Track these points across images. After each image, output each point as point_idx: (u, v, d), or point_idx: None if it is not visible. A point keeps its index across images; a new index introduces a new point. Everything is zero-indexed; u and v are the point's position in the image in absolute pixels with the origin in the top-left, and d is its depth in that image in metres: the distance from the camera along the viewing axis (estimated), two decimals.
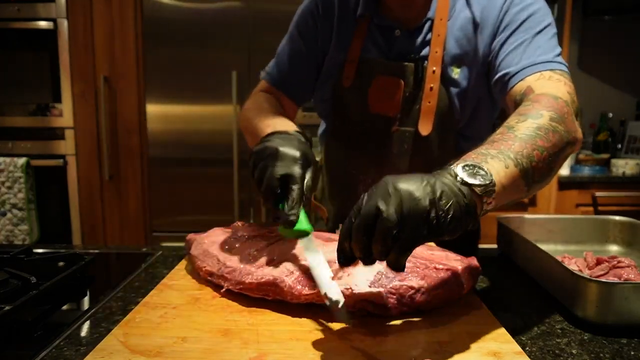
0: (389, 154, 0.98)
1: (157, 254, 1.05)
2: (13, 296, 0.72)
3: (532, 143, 0.64)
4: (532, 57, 0.83)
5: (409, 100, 0.95)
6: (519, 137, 0.65)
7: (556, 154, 0.67)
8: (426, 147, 0.95)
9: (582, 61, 3.01)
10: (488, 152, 0.62)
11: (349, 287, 0.66)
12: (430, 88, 0.92)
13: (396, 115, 0.96)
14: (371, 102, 0.97)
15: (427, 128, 0.92)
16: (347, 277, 0.68)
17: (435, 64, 0.91)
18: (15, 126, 2.39)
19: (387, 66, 0.95)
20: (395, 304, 0.67)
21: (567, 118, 0.71)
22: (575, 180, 2.54)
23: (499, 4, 0.90)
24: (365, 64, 0.97)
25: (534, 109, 0.71)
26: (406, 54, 0.95)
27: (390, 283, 0.67)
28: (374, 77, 0.96)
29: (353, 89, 0.98)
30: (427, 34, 0.94)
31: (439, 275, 0.71)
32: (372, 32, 0.97)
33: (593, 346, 0.64)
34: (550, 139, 0.66)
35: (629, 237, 1.04)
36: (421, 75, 0.92)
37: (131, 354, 0.58)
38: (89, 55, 2.36)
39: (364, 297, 0.66)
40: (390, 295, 0.67)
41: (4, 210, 2.34)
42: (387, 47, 0.97)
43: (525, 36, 0.86)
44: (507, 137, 0.65)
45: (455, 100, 0.94)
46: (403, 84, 0.94)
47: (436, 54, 0.91)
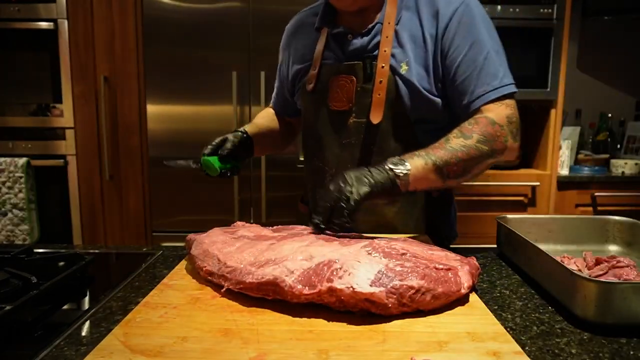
0: (349, 146, 1.10)
1: (157, 254, 1.05)
2: (13, 296, 0.72)
3: (453, 154, 0.92)
4: (485, 85, 0.99)
5: (361, 94, 1.07)
6: (447, 147, 0.93)
7: (472, 164, 0.94)
8: (381, 136, 1.07)
9: (582, 61, 3.01)
10: (420, 153, 0.92)
11: (350, 286, 0.67)
12: (379, 81, 1.03)
13: (351, 108, 1.08)
14: (331, 101, 1.11)
15: (377, 117, 1.04)
16: (348, 276, 0.68)
17: (383, 61, 1.03)
18: (15, 126, 2.39)
19: (341, 67, 1.09)
20: (395, 304, 0.67)
21: (497, 139, 0.96)
22: (574, 181, 2.55)
23: (445, 18, 1.01)
24: (324, 68, 1.12)
25: (470, 131, 0.95)
26: (358, 55, 1.08)
27: (390, 283, 0.68)
28: (331, 78, 1.10)
29: (315, 92, 1.13)
30: (376, 36, 1.06)
31: (439, 275, 0.71)
32: (329, 41, 1.12)
33: (592, 346, 0.64)
34: (470, 153, 0.93)
35: (628, 237, 1.04)
36: (370, 72, 1.05)
37: (131, 353, 0.58)
38: (89, 56, 2.36)
39: (365, 296, 0.66)
40: (390, 295, 0.67)
41: (5, 211, 2.34)
42: (342, 51, 1.10)
43: (477, 59, 1.00)
44: (439, 146, 0.94)
45: (403, 94, 1.04)
46: (355, 80, 1.07)
47: (385, 53, 1.03)
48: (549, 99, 2.50)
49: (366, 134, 1.07)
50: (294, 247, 0.78)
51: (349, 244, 0.77)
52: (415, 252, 0.76)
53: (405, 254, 0.74)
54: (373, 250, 0.74)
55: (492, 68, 1.00)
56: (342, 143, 1.10)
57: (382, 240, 0.79)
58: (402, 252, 0.74)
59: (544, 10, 2.42)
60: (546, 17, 2.42)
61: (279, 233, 0.91)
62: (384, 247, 0.75)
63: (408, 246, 0.78)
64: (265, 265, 0.74)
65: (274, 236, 0.88)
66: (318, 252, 0.75)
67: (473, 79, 1.00)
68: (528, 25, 2.43)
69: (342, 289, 0.67)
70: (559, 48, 2.46)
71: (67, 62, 2.35)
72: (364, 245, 0.75)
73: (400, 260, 0.72)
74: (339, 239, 0.82)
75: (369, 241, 0.77)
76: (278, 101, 1.32)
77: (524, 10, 2.41)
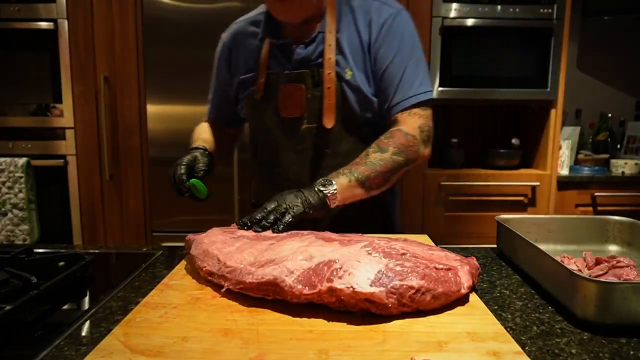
0: (303, 151, 1.15)
1: (157, 254, 1.05)
2: (13, 296, 0.72)
3: (373, 168, 1.03)
4: (402, 95, 1.10)
5: (312, 101, 1.12)
6: (367, 163, 1.03)
7: (390, 174, 1.05)
8: (333, 140, 1.13)
9: (582, 61, 3.01)
10: (344, 171, 1.02)
11: (350, 286, 0.67)
12: (328, 87, 1.09)
13: (303, 115, 1.13)
14: (281, 109, 1.15)
15: (330, 122, 1.10)
16: (348, 276, 0.68)
17: (329, 68, 1.10)
18: (15, 126, 2.39)
19: (289, 76, 1.13)
20: (396, 304, 0.67)
21: (410, 149, 1.07)
22: (574, 181, 2.55)
23: (377, 28, 1.10)
24: (271, 77, 1.15)
25: (386, 144, 1.06)
26: (304, 63, 1.13)
27: (390, 282, 0.68)
28: (280, 87, 1.14)
29: (264, 101, 1.16)
30: (319, 45, 1.12)
31: (439, 275, 0.71)
32: (273, 51, 1.15)
33: (592, 346, 0.64)
34: (387, 165, 1.04)
35: (628, 237, 1.04)
36: (318, 79, 1.11)
37: (131, 353, 0.58)
38: (89, 56, 2.36)
39: (365, 296, 0.66)
40: (390, 295, 0.67)
41: (5, 211, 2.34)
42: (288, 60, 1.14)
43: (398, 71, 1.10)
44: (360, 162, 1.04)
45: (350, 98, 1.11)
46: (304, 87, 1.12)
47: (330, 60, 1.10)
48: (549, 99, 2.50)
49: (319, 139, 1.13)
50: (294, 247, 0.78)
51: (349, 244, 0.77)
52: (415, 252, 0.76)
53: (405, 254, 0.74)
54: (373, 250, 0.74)
55: (409, 79, 1.10)
56: (297, 148, 1.16)
57: (382, 240, 0.79)
58: (402, 252, 0.74)
59: (544, 10, 2.42)
60: (546, 17, 2.42)
61: (279, 233, 0.91)
62: (384, 247, 0.75)
63: (408, 246, 0.78)
64: (265, 266, 0.74)
65: (274, 236, 0.88)
66: (318, 252, 0.75)
67: (392, 89, 1.11)
68: (528, 25, 2.43)
69: (342, 289, 0.67)
70: (559, 48, 2.46)
71: (67, 62, 2.35)
72: (364, 245, 0.75)
73: (400, 260, 0.72)
74: (339, 239, 0.82)
75: (369, 241, 0.77)
76: (218, 113, 1.32)
77: (524, 10, 2.41)
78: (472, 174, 2.52)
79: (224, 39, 1.25)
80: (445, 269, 0.73)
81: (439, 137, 2.77)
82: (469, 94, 2.49)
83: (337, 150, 1.14)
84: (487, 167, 2.64)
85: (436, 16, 2.41)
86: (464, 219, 2.53)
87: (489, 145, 2.82)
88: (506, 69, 2.49)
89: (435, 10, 2.40)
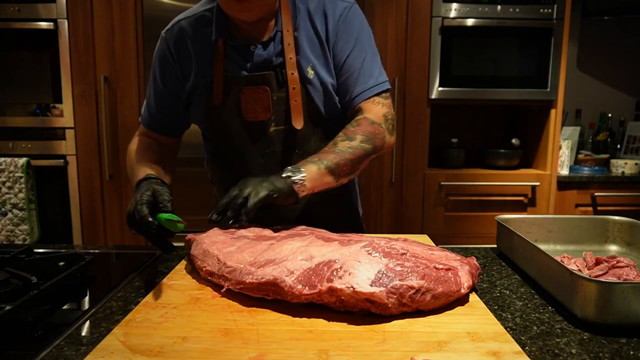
0: (272, 154, 1.12)
1: (157, 254, 1.05)
2: (13, 296, 0.72)
3: (342, 156, 1.01)
4: (363, 84, 1.09)
5: (278, 102, 1.09)
6: (335, 151, 1.01)
7: (358, 162, 1.04)
8: (302, 139, 1.12)
9: (582, 61, 3.01)
10: (312, 159, 0.99)
11: (350, 286, 0.67)
12: (293, 88, 1.07)
13: (270, 117, 1.10)
14: (245, 113, 1.10)
15: (300, 122, 1.08)
16: (348, 276, 0.68)
17: (292, 68, 1.07)
18: (15, 126, 2.39)
19: (251, 78, 1.08)
20: (396, 304, 0.67)
21: (377, 137, 1.06)
22: (574, 181, 2.55)
23: (333, 21, 1.09)
24: (230, 81, 1.09)
25: (354, 133, 1.04)
26: (266, 64, 1.09)
27: (390, 282, 0.68)
28: (241, 90, 1.09)
29: (225, 106, 1.10)
30: (278, 44, 1.08)
31: (439, 275, 0.71)
32: (229, 53, 1.09)
33: (592, 346, 0.64)
34: (356, 153, 1.02)
35: (628, 237, 1.04)
36: (282, 80, 1.08)
37: (131, 353, 0.58)
38: (89, 56, 2.36)
39: (365, 296, 0.66)
40: (390, 295, 0.67)
41: (5, 210, 2.34)
42: (246, 62, 1.09)
43: (357, 61, 1.09)
44: (329, 150, 1.02)
45: (315, 96, 1.10)
46: (269, 90, 1.08)
47: (291, 60, 1.07)
48: (549, 99, 2.50)
49: (288, 140, 1.11)
50: (294, 247, 0.78)
51: (349, 244, 0.77)
52: (415, 252, 0.76)
53: (405, 253, 0.74)
54: (373, 250, 0.74)
55: (368, 69, 1.10)
56: (265, 152, 1.12)
57: (382, 240, 0.79)
58: (402, 252, 0.74)
59: (544, 10, 2.42)
60: (546, 17, 2.43)
61: (279, 233, 0.91)
62: (384, 247, 0.75)
63: (408, 246, 0.78)
64: (265, 266, 0.74)
65: (274, 236, 0.88)
66: (318, 252, 0.75)
67: (353, 79, 1.10)
68: (528, 25, 2.43)
69: (342, 288, 0.67)
70: (559, 48, 2.46)
71: (67, 62, 2.35)
72: (363, 245, 0.76)
73: (400, 260, 0.72)
74: (339, 239, 0.82)
75: (368, 241, 0.77)
76: (163, 121, 1.19)
77: (524, 10, 2.41)
78: (472, 174, 2.52)
79: (168, 38, 1.14)
80: (445, 269, 0.73)
81: (439, 137, 2.79)
82: (469, 94, 2.49)
83: (306, 149, 1.11)
84: (487, 167, 2.64)
85: (436, 16, 2.41)
86: (464, 219, 2.53)
87: (489, 145, 2.82)
88: (506, 69, 2.49)
89: (435, 10, 2.40)
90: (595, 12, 2.85)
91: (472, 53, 2.47)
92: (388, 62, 2.43)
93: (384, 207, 2.50)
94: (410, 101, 2.47)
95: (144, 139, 1.19)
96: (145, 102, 1.20)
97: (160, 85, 1.16)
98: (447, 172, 2.53)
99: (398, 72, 2.45)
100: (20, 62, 2.37)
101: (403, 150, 2.49)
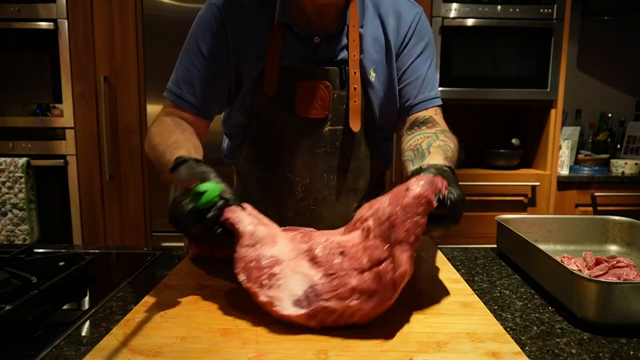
0: (324, 154, 1.04)
1: (157, 254, 1.05)
2: (13, 296, 0.72)
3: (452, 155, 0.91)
4: (427, 93, 1.06)
5: (337, 101, 1.02)
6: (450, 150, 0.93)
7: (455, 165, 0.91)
8: (355, 142, 1.05)
9: (582, 61, 3.01)
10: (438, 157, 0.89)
11: (273, 303, 0.66)
12: (354, 88, 1.01)
13: (327, 116, 1.02)
14: (298, 107, 1.01)
15: (357, 125, 1.02)
16: (275, 289, 0.67)
17: (355, 67, 1.01)
18: (15, 126, 2.39)
19: (312, 71, 1.00)
20: (318, 326, 0.65)
21: (457, 144, 0.99)
22: (574, 180, 2.55)
23: (404, 26, 1.04)
24: (287, 71, 1.00)
25: (453, 142, 0.96)
26: (329, 59, 1.01)
27: (310, 305, 0.65)
28: (298, 83, 1.00)
29: (278, 97, 1.01)
30: (344, 39, 1.01)
31: (372, 285, 0.65)
32: (288, 40, 1.00)
33: (592, 346, 0.64)
34: (456, 157, 0.93)
35: (628, 237, 1.04)
36: (345, 77, 1.01)
37: (130, 353, 0.58)
38: (89, 56, 2.36)
39: (284, 318, 0.65)
40: (310, 319, 0.64)
41: (5, 210, 2.34)
42: (309, 53, 1.01)
43: (424, 67, 1.06)
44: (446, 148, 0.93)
45: (373, 101, 1.04)
46: (331, 86, 1.00)
47: (354, 57, 1.00)
48: (549, 99, 2.50)
49: (342, 142, 1.04)
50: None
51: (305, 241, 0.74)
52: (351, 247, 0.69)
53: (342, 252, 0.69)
54: (314, 256, 0.70)
55: (432, 78, 1.07)
56: (316, 152, 1.04)
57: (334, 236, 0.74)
58: (340, 251, 0.69)
59: (544, 10, 2.42)
60: (546, 17, 2.42)
61: None
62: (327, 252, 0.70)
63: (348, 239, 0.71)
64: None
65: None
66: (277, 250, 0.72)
67: (418, 84, 1.05)
68: (528, 25, 2.43)
69: (265, 302, 0.66)
70: (559, 48, 2.46)
71: (67, 62, 2.35)
72: (310, 247, 0.72)
73: (333, 269, 0.67)
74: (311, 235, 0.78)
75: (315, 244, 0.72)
76: (202, 97, 1.02)
77: (524, 10, 2.41)
78: (472, 174, 2.52)
79: (219, 4, 1.01)
80: (378, 261, 0.65)
81: None
82: (469, 94, 2.49)
83: (358, 153, 1.06)
84: (487, 167, 2.64)
85: (436, 16, 2.41)
86: (464, 219, 2.51)
87: (489, 145, 2.82)
88: (506, 69, 2.49)
89: (435, 10, 2.40)
90: (595, 12, 2.85)
91: (472, 53, 2.47)
92: None
93: None
94: None
95: (175, 118, 1.02)
96: (178, 77, 1.03)
97: (206, 55, 1.01)
98: None
99: None
100: (20, 62, 2.37)
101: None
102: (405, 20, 1.04)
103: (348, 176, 1.06)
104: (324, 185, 1.06)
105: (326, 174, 1.05)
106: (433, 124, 1.03)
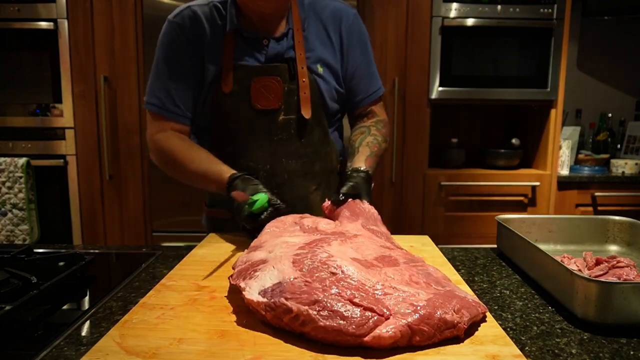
0: (280, 141, 1.18)
1: (157, 254, 1.05)
2: (13, 296, 0.72)
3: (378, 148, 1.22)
4: (372, 87, 1.28)
5: (288, 93, 1.17)
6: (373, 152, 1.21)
7: (382, 154, 1.25)
8: (308, 129, 1.20)
9: (582, 61, 3.01)
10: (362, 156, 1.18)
11: (245, 289, 0.69)
12: (303, 81, 1.17)
13: (280, 106, 1.16)
14: (254, 101, 1.16)
15: (308, 112, 1.17)
16: (252, 279, 0.70)
17: (302, 63, 1.17)
18: (15, 126, 2.39)
19: (264, 68, 1.16)
20: (276, 322, 0.64)
21: (389, 136, 1.31)
22: (574, 180, 2.55)
23: (346, 28, 1.21)
24: (241, 69, 1.15)
25: (382, 134, 1.26)
26: (278, 57, 1.17)
27: (272, 297, 0.64)
28: (252, 79, 1.15)
29: (234, 93, 1.15)
30: (291, 40, 1.18)
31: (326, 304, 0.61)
32: (240, 44, 1.16)
33: (592, 346, 0.64)
34: (382, 148, 1.25)
35: (629, 237, 1.04)
36: (293, 72, 1.16)
37: (127, 355, 0.58)
38: (89, 56, 2.36)
39: (247, 302, 0.67)
40: (268, 310, 0.63)
41: (5, 210, 2.34)
42: (259, 53, 1.17)
43: (369, 66, 1.27)
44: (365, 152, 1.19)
45: (323, 90, 1.20)
46: (281, 80, 1.15)
47: (300, 55, 1.17)
48: (549, 99, 2.50)
49: (296, 129, 1.19)
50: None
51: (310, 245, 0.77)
52: (353, 276, 0.66)
53: (335, 274, 0.66)
54: (301, 258, 0.70)
55: (375, 74, 1.29)
56: (273, 139, 1.18)
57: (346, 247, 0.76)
58: (331, 271, 0.66)
59: (544, 10, 2.42)
60: (546, 17, 2.42)
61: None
62: (317, 259, 0.70)
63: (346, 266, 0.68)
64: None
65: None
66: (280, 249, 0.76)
67: (365, 82, 1.26)
68: (528, 25, 2.43)
69: (241, 287, 0.69)
70: (559, 48, 2.46)
71: (67, 62, 2.35)
72: (299, 248, 0.75)
73: (312, 278, 0.65)
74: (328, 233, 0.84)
75: (318, 241, 0.77)
76: (186, 107, 1.17)
77: (524, 10, 2.41)
78: (472, 174, 2.52)
79: (180, 24, 1.15)
80: (364, 307, 0.60)
81: (439, 137, 2.79)
82: (469, 94, 2.49)
83: (312, 139, 1.20)
84: (487, 167, 2.64)
85: (436, 16, 2.40)
86: (464, 219, 2.53)
87: (489, 145, 2.82)
88: (506, 69, 2.49)
89: (435, 10, 2.40)
90: (595, 12, 2.85)
91: (472, 53, 2.47)
92: (388, 62, 2.43)
93: (384, 207, 2.50)
94: (410, 101, 2.47)
95: (174, 133, 1.18)
96: (163, 94, 1.16)
97: (175, 69, 1.15)
98: (447, 172, 2.52)
99: (398, 72, 2.44)
100: (20, 62, 2.37)
101: (403, 150, 2.49)
102: (345, 22, 1.22)
103: (304, 160, 1.20)
104: (283, 169, 1.19)
105: (284, 159, 1.19)
106: (373, 115, 1.29)
